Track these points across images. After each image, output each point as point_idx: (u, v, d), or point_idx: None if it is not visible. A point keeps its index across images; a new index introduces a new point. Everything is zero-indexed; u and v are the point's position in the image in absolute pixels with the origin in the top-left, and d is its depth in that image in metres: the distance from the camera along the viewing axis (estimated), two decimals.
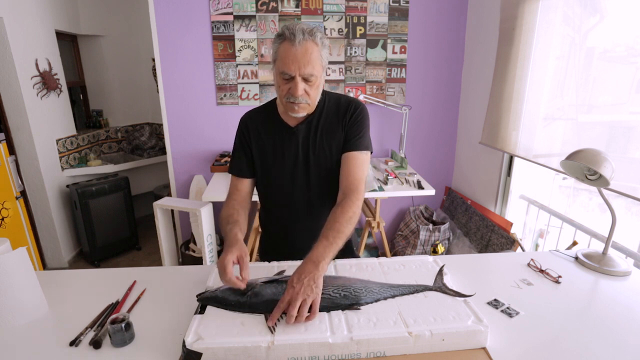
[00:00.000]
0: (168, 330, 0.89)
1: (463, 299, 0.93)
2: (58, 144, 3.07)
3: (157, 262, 3.13)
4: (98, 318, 0.94)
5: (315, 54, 1.02)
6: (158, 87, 2.72)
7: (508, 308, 0.97)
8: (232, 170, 1.24)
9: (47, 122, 2.94)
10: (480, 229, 2.52)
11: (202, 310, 0.89)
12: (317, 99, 1.11)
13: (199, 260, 2.60)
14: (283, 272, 1.06)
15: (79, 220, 3.05)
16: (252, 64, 2.71)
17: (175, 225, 3.00)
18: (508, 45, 2.19)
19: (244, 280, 0.92)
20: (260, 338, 0.79)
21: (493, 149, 2.45)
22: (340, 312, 0.89)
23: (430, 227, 2.75)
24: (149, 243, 3.53)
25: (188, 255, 2.74)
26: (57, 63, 3.07)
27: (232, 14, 2.62)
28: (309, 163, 1.17)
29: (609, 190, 1.54)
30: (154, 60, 2.69)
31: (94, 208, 3.05)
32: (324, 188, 1.20)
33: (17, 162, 2.80)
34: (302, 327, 0.83)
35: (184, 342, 0.78)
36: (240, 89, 2.75)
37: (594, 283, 1.11)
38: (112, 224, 3.20)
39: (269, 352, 0.77)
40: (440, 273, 1.03)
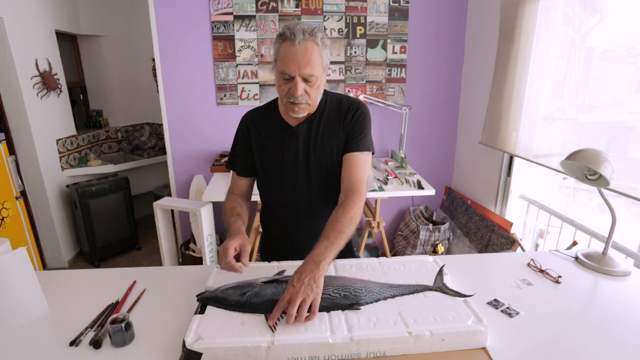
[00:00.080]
0: (168, 330, 0.89)
1: (463, 299, 0.93)
2: (58, 144, 3.07)
3: (157, 262, 3.13)
4: (98, 318, 0.94)
5: (316, 54, 1.02)
6: (158, 87, 2.72)
7: (508, 308, 0.97)
8: (230, 167, 1.28)
9: (47, 122, 2.94)
10: (480, 229, 2.52)
11: (202, 310, 0.89)
12: (317, 99, 1.11)
13: (199, 260, 2.60)
14: (283, 272, 1.06)
15: (79, 220, 3.06)
16: (252, 64, 2.71)
17: (175, 225, 3.00)
18: (508, 45, 2.19)
19: (243, 267, 0.98)
20: (260, 338, 0.79)
21: (493, 149, 2.46)
22: (340, 312, 0.89)
23: (430, 227, 2.75)
24: (149, 243, 3.53)
25: (188, 255, 2.74)
26: (57, 63, 3.07)
27: (232, 14, 2.62)
28: (310, 163, 1.17)
29: (609, 190, 1.54)
30: (154, 60, 2.69)
31: (94, 208, 3.05)
32: (325, 188, 1.20)
33: (17, 162, 2.80)
34: (302, 327, 0.83)
35: (184, 342, 0.78)
36: (240, 89, 2.76)
37: (594, 283, 1.11)
38: (112, 224, 3.20)
39: (269, 352, 0.77)
40: (440, 273, 1.03)
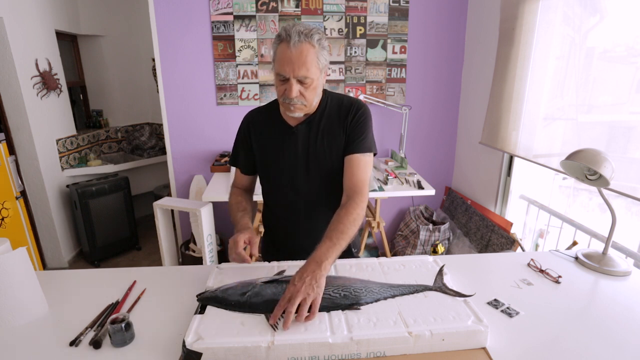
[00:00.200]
0: (168, 330, 0.89)
1: (463, 299, 0.93)
2: (58, 144, 3.07)
3: (157, 262, 3.13)
4: (98, 318, 0.94)
5: (311, 56, 1.01)
6: (158, 87, 2.72)
7: (508, 308, 0.97)
8: (232, 164, 1.31)
9: (47, 122, 2.94)
10: (480, 229, 2.52)
11: (202, 310, 0.89)
12: (314, 100, 1.11)
13: (199, 260, 2.60)
14: (283, 272, 1.06)
15: (79, 220, 3.06)
16: (252, 64, 2.71)
17: (175, 225, 3.00)
18: (508, 45, 2.19)
19: (252, 259, 1.05)
20: (260, 338, 0.79)
21: (493, 149, 2.46)
22: (340, 312, 0.89)
23: (430, 227, 2.75)
24: (149, 243, 3.53)
25: (188, 255, 2.74)
26: (57, 63, 3.07)
27: (232, 14, 2.62)
28: (309, 163, 1.17)
29: (609, 190, 1.54)
30: (154, 60, 2.69)
31: (94, 208, 3.05)
32: (325, 188, 1.20)
33: (17, 162, 2.80)
34: (302, 327, 0.83)
35: (184, 342, 0.78)
36: (240, 89, 2.75)
37: (594, 283, 1.11)
38: (112, 224, 3.20)
39: (269, 352, 0.77)
40: (440, 273, 1.03)
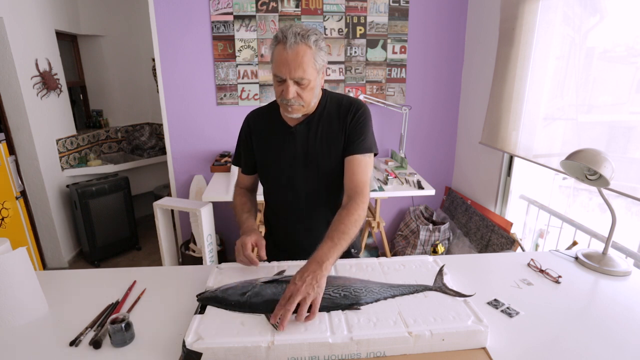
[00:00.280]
0: (168, 330, 0.89)
1: (463, 299, 0.93)
2: (58, 144, 3.07)
3: (157, 262, 3.13)
4: (98, 318, 0.94)
5: (308, 58, 1.01)
6: (158, 87, 2.72)
7: (508, 308, 0.97)
8: (235, 164, 1.33)
9: (47, 122, 2.94)
10: (480, 229, 2.52)
11: (202, 310, 0.89)
12: (311, 101, 1.11)
13: (199, 260, 2.60)
14: (283, 272, 1.06)
15: (79, 220, 3.05)
16: (252, 64, 2.71)
17: (175, 225, 3.00)
18: (508, 45, 2.19)
19: (261, 260, 1.08)
20: (260, 338, 0.79)
21: (493, 149, 2.46)
22: (340, 312, 0.89)
23: (430, 227, 2.75)
24: (149, 243, 3.53)
25: (188, 255, 2.74)
26: (57, 63, 3.07)
27: (232, 14, 2.62)
28: (307, 163, 1.17)
29: (609, 190, 1.54)
30: (154, 60, 2.69)
31: (94, 208, 3.05)
32: (324, 188, 1.20)
33: (17, 162, 2.80)
34: (302, 327, 0.83)
35: (184, 342, 0.78)
36: (240, 89, 2.75)
37: (594, 283, 1.11)
38: (112, 224, 3.20)
39: (269, 352, 0.77)
40: (440, 273, 1.03)
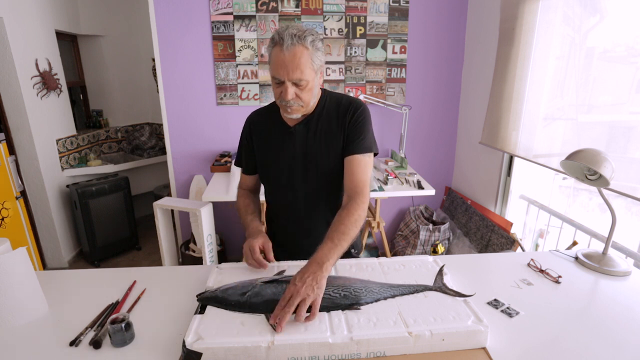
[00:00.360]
0: (168, 330, 0.89)
1: (463, 299, 0.93)
2: (58, 144, 3.07)
3: (157, 262, 3.13)
4: (98, 318, 0.94)
5: (305, 59, 1.01)
6: (158, 87, 2.72)
7: (508, 308, 0.97)
8: (237, 165, 1.34)
9: (47, 122, 2.94)
10: (480, 229, 2.52)
11: (202, 310, 0.89)
12: (311, 101, 1.11)
13: (199, 260, 2.60)
14: (283, 272, 1.06)
15: (79, 220, 3.05)
16: (252, 64, 2.71)
17: (175, 225, 3.00)
18: (508, 45, 2.19)
19: (269, 263, 1.09)
20: (260, 338, 0.79)
21: (493, 149, 2.45)
22: (340, 312, 0.89)
23: (430, 227, 2.75)
24: (149, 243, 3.53)
25: (188, 255, 2.74)
26: (57, 63, 3.07)
27: (232, 14, 2.61)
28: (306, 163, 1.17)
29: (609, 190, 1.54)
30: (154, 60, 2.69)
31: (94, 208, 3.04)
32: (324, 188, 1.20)
33: (17, 162, 2.80)
34: (302, 327, 0.83)
35: (184, 342, 0.78)
36: (240, 89, 2.75)
37: (594, 283, 1.11)
38: (112, 224, 3.20)
39: (269, 352, 0.77)
40: (440, 273, 1.03)
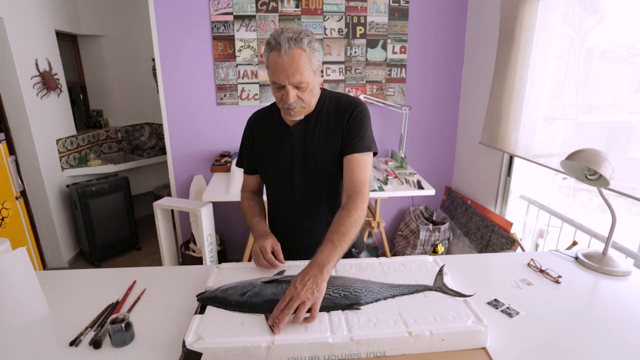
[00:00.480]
0: (168, 330, 0.89)
1: (463, 299, 0.93)
2: (58, 144, 3.07)
3: (157, 262, 3.13)
4: (98, 318, 0.94)
5: (303, 61, 1.00)
6: (158, 87, 2.72)
7: (508, 308, 0.97)
8: (239, 166, 1.34)
9: (47, 122, 2.94)
10: (480, 229, 2.52)
11: (202, 310, 0.89)
12: (312, 101, 1.11)
13: (199, 260, 2.60)
14: (283, 272, 1.06)
15: (79, 220, 3.05)
16: (252, 64, 2.71)
17: (175, 225, 3.00)
18: (508, 45, 2.19)
19: (280, 264, 1.10)
20: (260, 338, 0.79)
21: (493, 149, 2.45)
22: (340, 312, 0.89)
23: (430, 227, 2.75)
24: (149, 243, 3.53)
25: (188, 255, 2.74)
26: (57, 63, 3.07)
27: (232, 14, 2.61)
28: (306, 163, 1.17)
29: (609, 190, 1.54)
30: (154, 60, 2.69)
31: (94, 208, 3.04)
32: (323, 188, 1.20)
33: (17, 162, 2.80)
34: (302, 327, 0.83)
35: (184, 342, 0.78)
36: (240, 89, 2.75)
37: (594, 283, 1.11)
38: (112, 224, 3.20)
39: (269, 352, 0.78)
40: (440, 273, 1.03)
